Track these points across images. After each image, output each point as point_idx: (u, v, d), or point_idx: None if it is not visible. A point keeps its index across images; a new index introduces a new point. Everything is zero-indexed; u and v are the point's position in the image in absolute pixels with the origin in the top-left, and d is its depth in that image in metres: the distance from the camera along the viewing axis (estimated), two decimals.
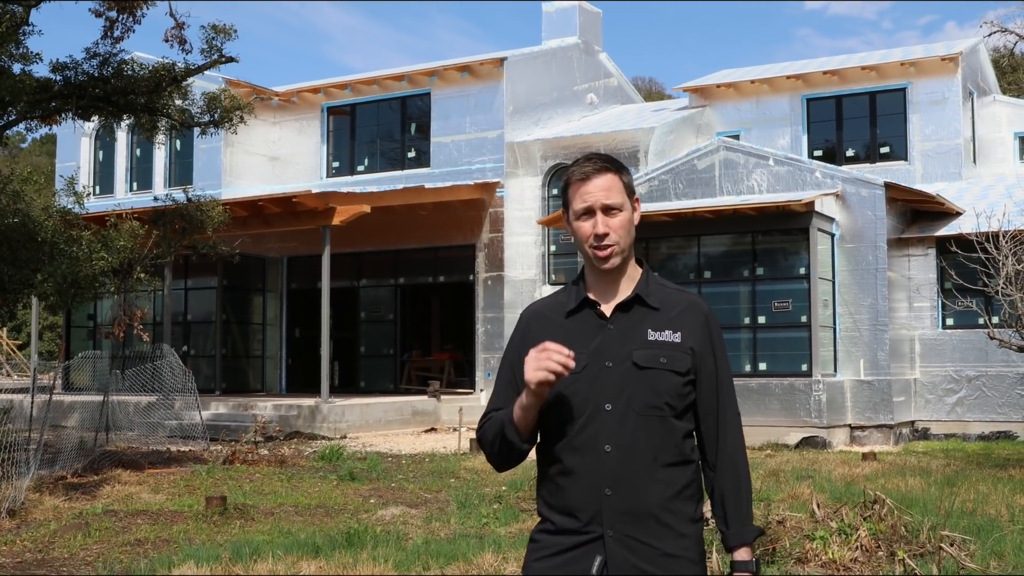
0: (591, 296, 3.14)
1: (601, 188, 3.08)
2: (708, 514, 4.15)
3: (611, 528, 2.96)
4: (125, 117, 16.45)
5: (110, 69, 15.09)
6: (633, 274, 3.16)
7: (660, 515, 2.98)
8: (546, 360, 2.87)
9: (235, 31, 15.34)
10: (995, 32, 39.26)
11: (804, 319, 18.18)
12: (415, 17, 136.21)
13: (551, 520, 3.07)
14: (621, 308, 3.11)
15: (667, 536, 2.98)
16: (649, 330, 3.07)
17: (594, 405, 3.01)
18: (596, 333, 3.08)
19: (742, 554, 3.12)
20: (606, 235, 3.06)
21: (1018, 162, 24.22)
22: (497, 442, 3.09)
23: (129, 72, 15.20)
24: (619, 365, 3.03)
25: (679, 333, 3.08)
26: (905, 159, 23.34)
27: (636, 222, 3.15)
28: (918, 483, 12.52)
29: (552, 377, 2.88)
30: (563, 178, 3.18)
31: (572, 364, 2.88)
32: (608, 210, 3.07)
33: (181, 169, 27.76)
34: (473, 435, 15.31)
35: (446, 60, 27.23)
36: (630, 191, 3.13)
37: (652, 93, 55.22)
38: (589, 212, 3.08)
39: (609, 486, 2.97)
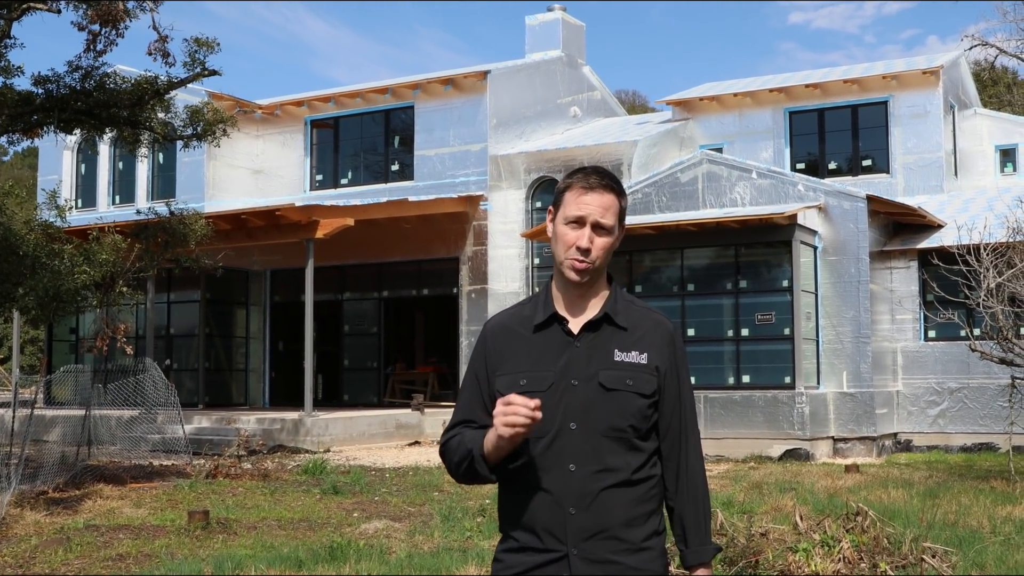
0: (559, 311, 3.13)
1: (600, 205, 3.07)
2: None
3: (575, 547, 2.96)
4: (108, 130, 16.41)
5: (92, 82, 15.05)
6: (601, 290, 3.15)
7: (624, 532, 2.98)
8: (512, 416, 2.85)
9: (218, 44, 15.35)
10: (976, 46, 39.64)
11: (787, 331, 18.22)
12: (400, 30, 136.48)
13: (514, 538, 3.05)
14: (589, 327, 3.09)
15: (631, 552, 2.99)
16: (616, 350, 3.07)
17: (559, 424, 3.00)
18: (563, 350, 3.07)
19: (700, 572, 3.14)
20: (588, 251, 3.05)
21: (999, 175, 24.35)
22: (464, 466, 3.07)
23: (112, 85, 15.17)
24: (585, 385, 3.02)
25: (645, 354, 3.08)
26: (887, 172, 23.45)
27: (615, 248, 3.16)
28: (900, 495, 12.56)
29: (522, 430, 2.87)
30: (563, 180, 3.16)
31: (538, 415, 2.86)
32: (598, 228, 3.07)
33: (164, 182, 27.69)
34: None
35: (430, 73, 27.26)
36: (622, 218, 3.14)
37: (635, 106, 55.41)
38: (580, 222, 3.06)
39: (573, 505, 2.97)
